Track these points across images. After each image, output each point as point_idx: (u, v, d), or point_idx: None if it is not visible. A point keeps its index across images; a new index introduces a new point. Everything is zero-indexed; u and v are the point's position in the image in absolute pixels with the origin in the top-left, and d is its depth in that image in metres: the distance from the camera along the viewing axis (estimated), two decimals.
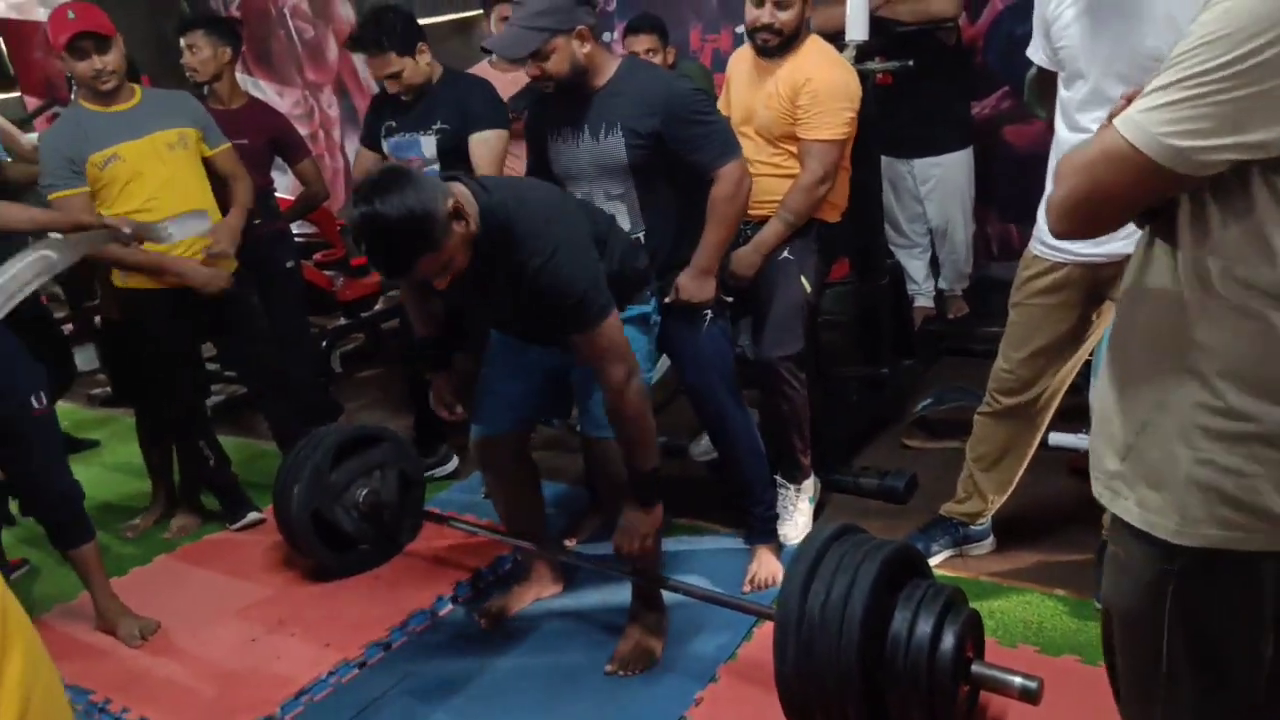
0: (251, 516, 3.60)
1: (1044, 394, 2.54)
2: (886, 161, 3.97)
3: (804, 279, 2.90)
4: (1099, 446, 1.30)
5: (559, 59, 2.51)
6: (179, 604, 3.13)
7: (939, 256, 4.43)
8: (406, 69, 3.18)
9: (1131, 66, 2.10)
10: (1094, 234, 1.25)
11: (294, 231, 4.39)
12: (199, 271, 3.26)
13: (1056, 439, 2.87)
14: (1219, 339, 1.13)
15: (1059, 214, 1.21)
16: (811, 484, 3.11)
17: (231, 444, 3.92)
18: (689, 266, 2.66)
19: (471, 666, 2.66)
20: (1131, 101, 1.12)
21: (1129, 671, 1.34)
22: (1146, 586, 1.25)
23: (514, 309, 2.39)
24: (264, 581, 3.22)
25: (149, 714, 2.61)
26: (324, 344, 5.15)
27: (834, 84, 2.81)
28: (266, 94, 6.29)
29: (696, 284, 2.65)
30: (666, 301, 2.65)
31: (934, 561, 2.72)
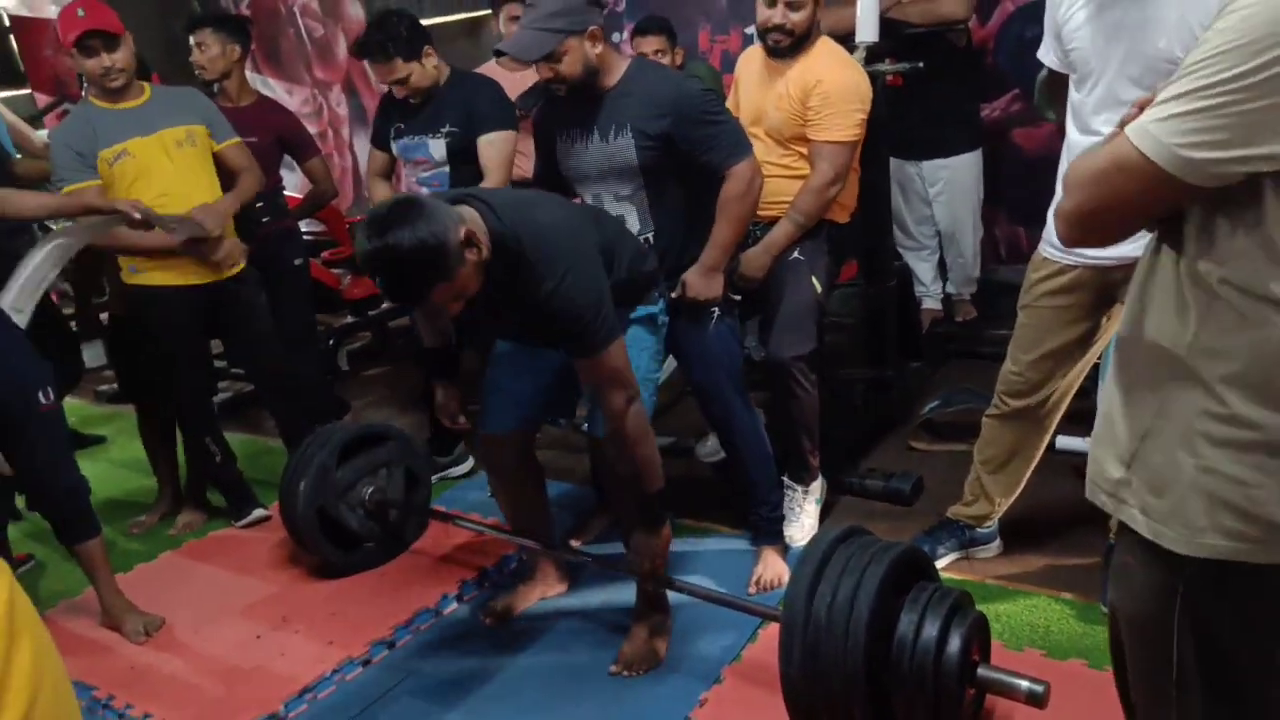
0: (257, 513, 3.60)
1: (1052, 396, 2.54)
2: (895, 163, 3.97)
3: (814, 279, 2.90)
4: (1101, 454, 1.28)
5: (572, 60, 2.51)
6: (184, 600, 3.13)
7: (946, 260, 4.43)
8: (414, 74, 3.18)
9: (1143, 68, 2.09)
10: (1104, 243, 1.25)
11: (302, 229, 4.40)
12: (229, 249, 3.28)
13: (1064, 442, 2.86)
14: (1222, 345, 1.12)
15: (1069, 223, 1.20)
16: (819, 486, 3.11)
17: (238, 441, 3.93)
18: (696, 264, 2.66)
19: (476, 666, 2.65)
20: (1144, 109, 1.11)
21: (1139, 679, 1.33)
22: (1155, 595, 1.24)
23: (522, 327, 2.41)
24: (269, 579, 3.22)
25: (153, 710, 2.61)
26: (331, 342, 5.16)
27: (845, 85, 2.81)
28: (275, 92, 6.30)
29: (704, 281, 2.65)
30: (673, 297, 2.65)
31: (940, 564, 2.71)
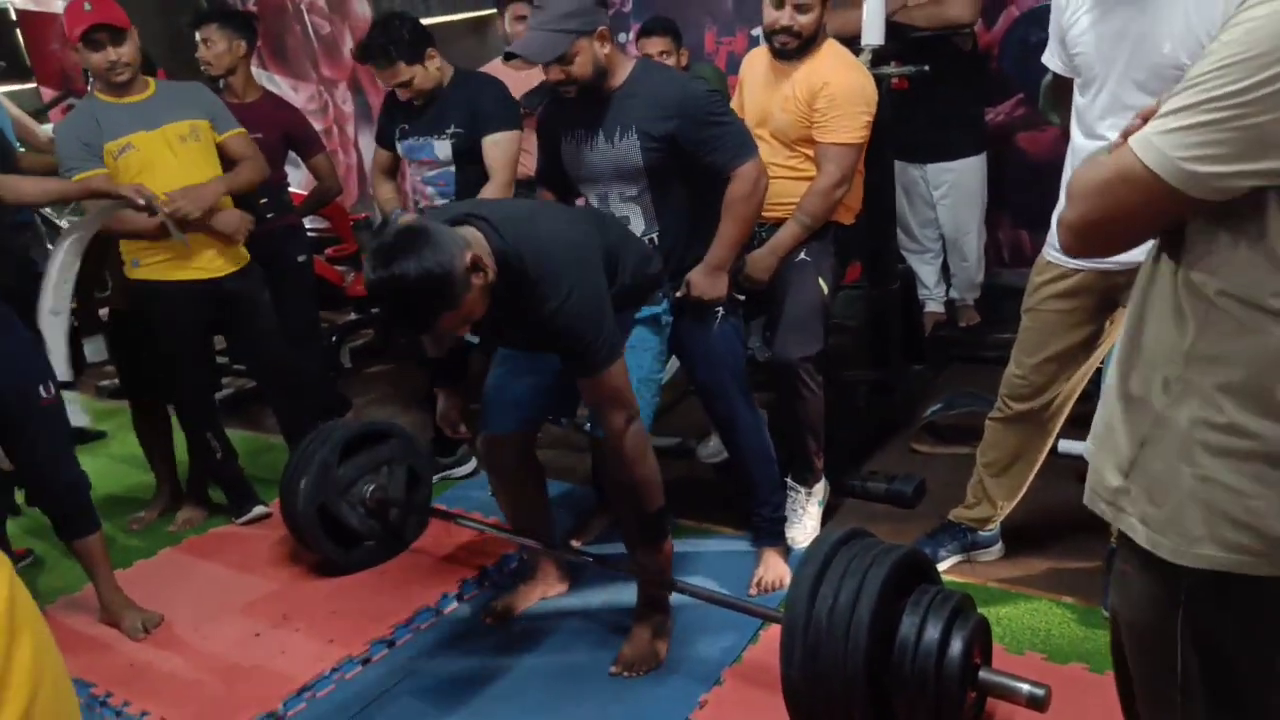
0: (257, 511, 3.59)
1: (1056, 400, 2.53)
2: (900, 166, 3.96)
3: (821, 280, 2.90)
4: (1101, 462, 1.27)
5: (583, 61, 2.51)
6: (183, 597, 3.13)
7: (950, 265, 4.42)
8: (417, 76, 3.18)
9: (1148, 73, 2.09)
10: (1107, 254, 1.25)
11: (306, 226, 4.39)
12: (227, 219, 3.28)
13: (1067, 446, 2.85)
14: (1220, 354, 1.11)
15: (1072, 234, 1.19)
16: (822, 488, 3.10)
17: (239, 438, 3.92)
18: (701, 263, 2.66)
19: (476, 665, 2.65)
20: (1147, 120, 1.10)
21: (1142, 685, 1.32)
22: (1154, 604, 1.23)
23: (527, 341, 2.44)
24: (269, 576, 3.22)
25: (151, 708, 2.61)
26: (334, 339, 5.16)
27: (852, 87, 2.81)
28: (281, 89, 6.29)
29: (709, 281, 2.65)
30: (678, 297, 2.64)
31: (942, 567, 2.71)
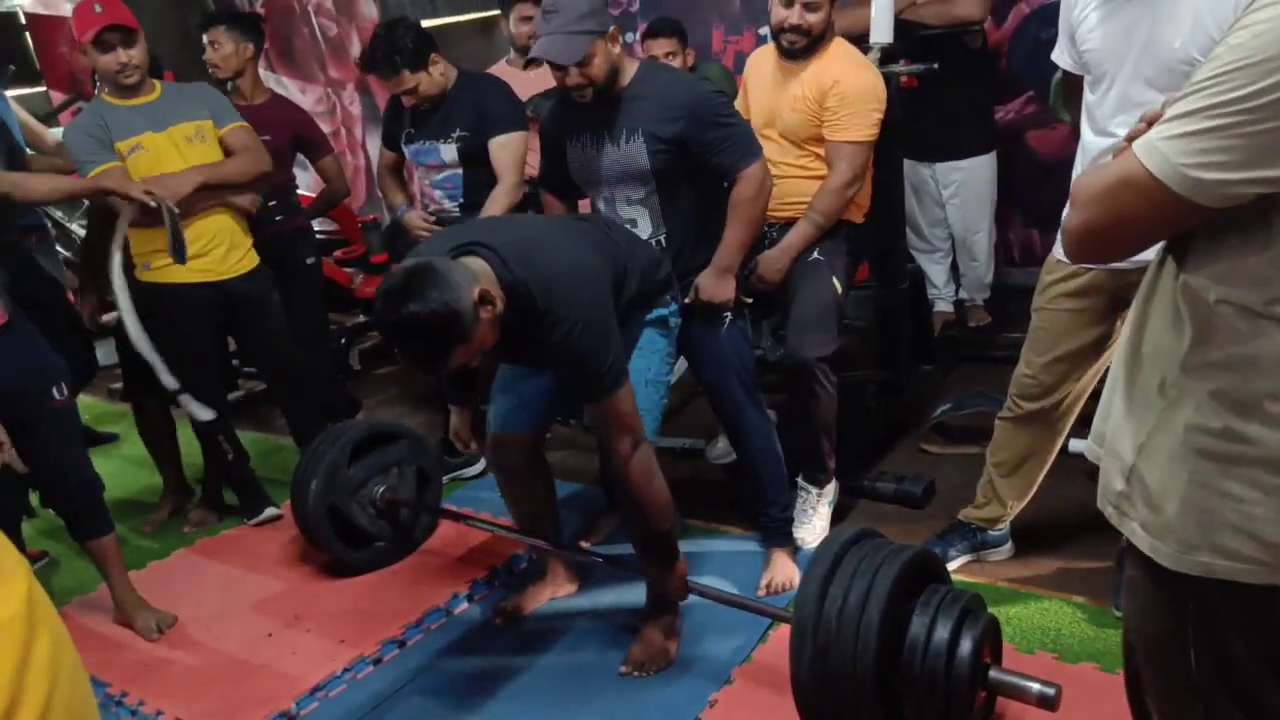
0: (269, 512, 3.60)
1: (1066, 400, 2.53)
2: (909, 165, 3.96)
3: (835, 280, 2.89)
4: (1108, 465, 1.27)
5: (600, 62, 2.51)
6: (196, 598, 3.14)
7: (960, 265, 4.41)
8: (421, 83, 3.18)
9: (1159, 70, 2.08)
10: (1111, 260, 1.24)
11: (315, 228, 4.40)
12: (239, 197, 3.31)
13: (1077, 445, 2.84)
14: (1216, 359, 1.10)
15: (1076, 240, 1.19)
16: (832, 488, 3.09)
17: (250, 439, 3.94)
18: (709, 266, 2.66)
19: (486, 665, 2.66)
20: (1151, 124, 1.09)
21: (1156, 690, 1.31)
22: (1160, 609, 1.23)
23: (536, 364, 2.49)
24: (280, 577, 3.24)
25: (165, 707, 2.63)
26: (343, 341, 5.17)
27: (862, 86, 2.81)
28: (289, 90, 6.31)
29: (717, 284, 2.65)
30: (686, 302, 2.64)
31: (952, 567, 2.70)
